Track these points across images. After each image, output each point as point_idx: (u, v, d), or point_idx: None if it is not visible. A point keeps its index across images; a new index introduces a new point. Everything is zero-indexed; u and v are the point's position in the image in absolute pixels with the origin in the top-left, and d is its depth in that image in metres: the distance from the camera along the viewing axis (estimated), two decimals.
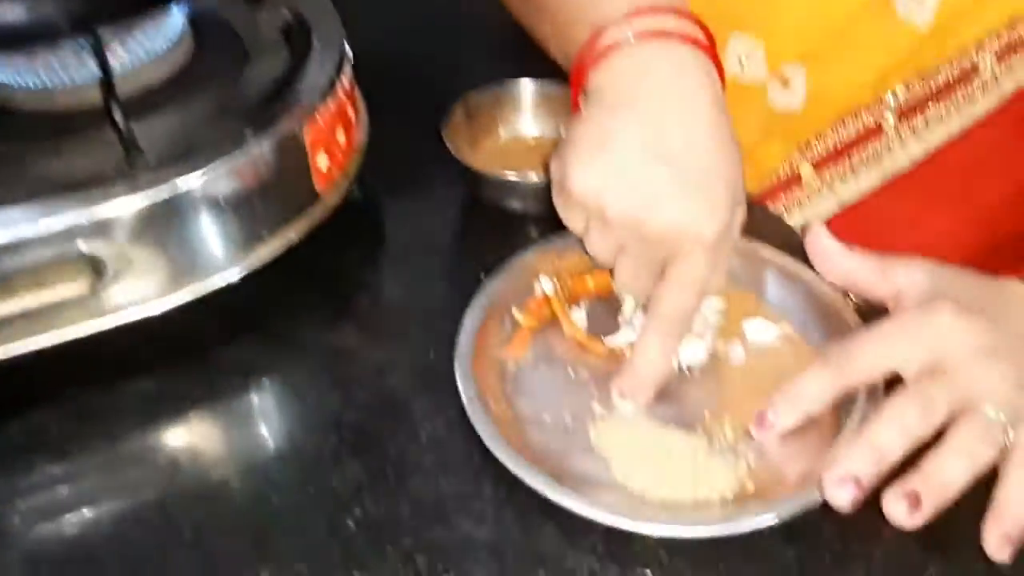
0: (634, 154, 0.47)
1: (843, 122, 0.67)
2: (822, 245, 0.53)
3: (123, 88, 0.51)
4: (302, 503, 0.46)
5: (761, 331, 0.53)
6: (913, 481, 0.43)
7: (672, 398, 0.50)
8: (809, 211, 0.69)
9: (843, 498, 0.43)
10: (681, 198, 0.47)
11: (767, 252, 0.56)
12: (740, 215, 0.51)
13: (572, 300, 0.54)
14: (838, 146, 0.67)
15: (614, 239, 0.49)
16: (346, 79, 0.57)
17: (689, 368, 0.51)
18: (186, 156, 0.49)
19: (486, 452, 0.46)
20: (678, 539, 0.43)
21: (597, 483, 0.45)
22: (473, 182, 0.62)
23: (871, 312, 0.51)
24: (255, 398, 0.52)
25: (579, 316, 0.54)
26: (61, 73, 0.53)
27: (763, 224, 0.60)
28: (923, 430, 0.44)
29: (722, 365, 0.52)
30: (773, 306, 0.54)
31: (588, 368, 0.51)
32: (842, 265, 0.53)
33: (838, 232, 0.66)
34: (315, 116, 0.53)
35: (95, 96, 0.52)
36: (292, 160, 0.53)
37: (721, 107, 0.50)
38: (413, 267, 0.59)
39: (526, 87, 0.66)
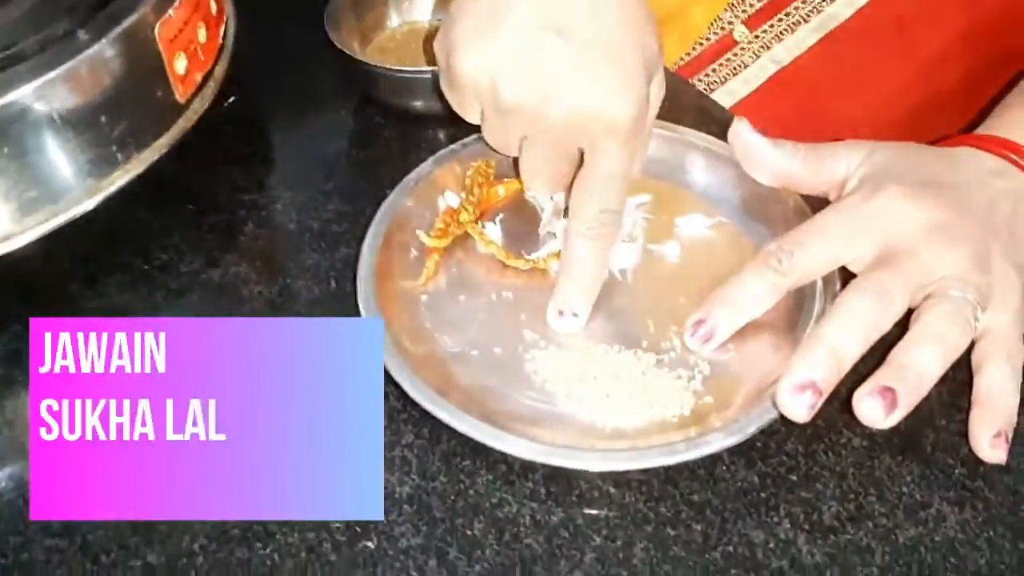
0: (527, 28, 0.42)
1: None
2: (747, 141, 0.48)
3: None
4: None
5: (695, 224, 0.49)
6: (885, 375, 0.39)
7: (610, 311, 0.45)
8: (745, 77, 0.64)
9: (801, 406, 0.38)
10: (586, 78, 0.42)
11: (692, 137, 0.51)
12: (658, 88, 0.45)
13: (483, 213, 0.50)
14: None
15: (514, 128, 0.44)
16: None
17: (623, 272, 0.47)
18: (9, 67, 0.42)
19: (404, 394, 0.40)
20: (627, 471, 0.39)
21: (541, 418, 0.41)
22: (366, 80, 0.57)
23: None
24: None
25: (493, 231, 0.49)
26: None
27: (690, 105, 0.56)
28: (881, 323, 0.40)
29: (658, 266, 0.48)
30: (704, 196, 0.50)
31: (512, 290, 0.46)
32: (772, 162, 0.48)
33: (776, 98, 0.61)
34: (167, 10, 0.47)
35: None
36: (143, 65, 0.46)
37: None
38: (303, 183, 0.53)
39: None
